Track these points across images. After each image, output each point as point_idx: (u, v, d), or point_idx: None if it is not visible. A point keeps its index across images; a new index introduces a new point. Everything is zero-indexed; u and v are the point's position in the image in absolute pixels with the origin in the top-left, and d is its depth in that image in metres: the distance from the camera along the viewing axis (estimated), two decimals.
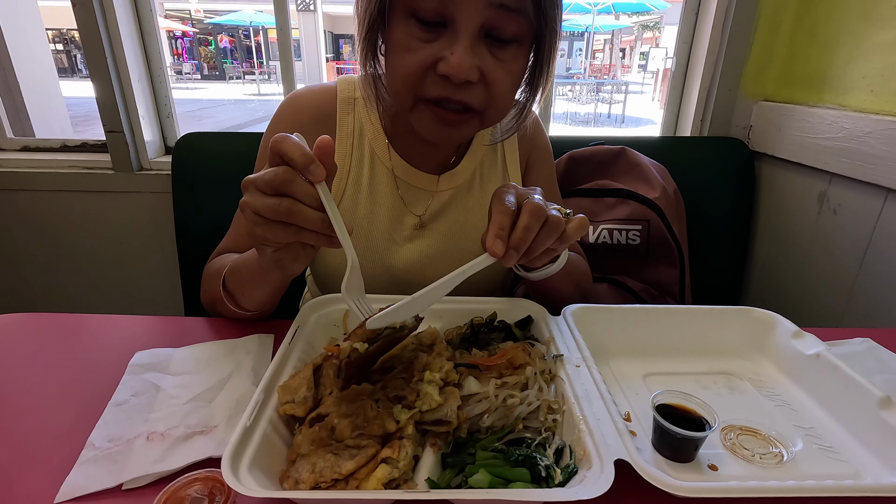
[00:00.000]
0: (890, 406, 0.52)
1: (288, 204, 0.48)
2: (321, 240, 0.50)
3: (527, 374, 0.54)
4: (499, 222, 0.52)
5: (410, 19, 0.57)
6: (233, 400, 0.58)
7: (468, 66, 0.56)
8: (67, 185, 1.41)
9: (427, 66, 0.58)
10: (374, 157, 0.77)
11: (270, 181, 0.48)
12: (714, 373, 0.66)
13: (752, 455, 0.52)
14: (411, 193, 0.78)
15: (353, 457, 0.43)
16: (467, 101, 0.59)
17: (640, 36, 22.13)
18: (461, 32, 0.56)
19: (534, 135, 0.85)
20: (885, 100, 1.00)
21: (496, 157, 0.83)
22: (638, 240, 1.10)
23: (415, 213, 0.78)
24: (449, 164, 0.80)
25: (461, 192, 0.80)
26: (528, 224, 0.52)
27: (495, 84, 0.59)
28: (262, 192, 0.48)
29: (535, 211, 0.52)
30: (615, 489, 0.45)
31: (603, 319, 0.69)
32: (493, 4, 0.55)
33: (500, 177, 0.83)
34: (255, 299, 0.68)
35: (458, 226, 0.79)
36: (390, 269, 0.77)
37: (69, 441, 0.52)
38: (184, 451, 0.50)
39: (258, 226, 0.50)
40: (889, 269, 1.00)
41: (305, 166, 0.47)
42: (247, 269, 0.65)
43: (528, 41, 0.61)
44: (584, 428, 0.47)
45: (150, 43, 1.40)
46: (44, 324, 0.76)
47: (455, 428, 0.48)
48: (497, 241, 0.51)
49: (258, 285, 0.66)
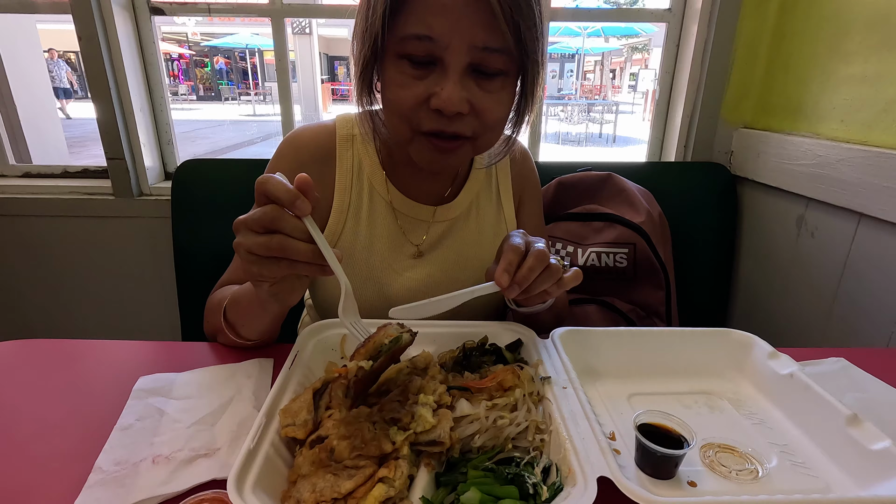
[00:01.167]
0: (856, 424, 0.55)
1: (279, 240, 0.51)
2: (314, 270, 0.53)
3: (516, 395, 0.57)
4: (509, 259, 0.60)
5: (403, 60, 0.62)
6: (235, 423, 0.60)
7: (458, 99, 0.60)
8: (68, 211, 1.44)
9: (421, 101, 0.62)
10: (373, 191, 0.80)
11: (259, 220, 0.51)
12: (695, 392, 0.69)
13: (729, 472, 0.55)
14: (409, 224, 0.81)
15: (351, 477, 0.46)
16: (459, 131, 0.64)
17: (630, 57, 22.65)
18: (450, 70, 0.60)
19: (526, 173, 0.91)
20: (855, 129, 1.05)
21: (491, 192, 0.87)
22: (625, 262, 1.14)
23: (413, 242, 0.81)
24: (444, 196, 0.84)
25: (458, 223, 0.84)
26: (533, 266, 0.60)
27: (485, 113, 0.64)
28: (254, 231, 0.52)
29: (540, 256, 0.60)
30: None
31: (589, 342, 0.72)
32: (478, 48, 0.59)
33: (495, 210, 0.87)
34: (255, 329, 0.71)
35: (454, 255, 0.83)
36: (390, 298, 0.80)
37: (76, 465, 0.53)
38: (188, 473, 0.52)
39: (253, 264, 0.53)
40: (864, 290, 1.04)
41: (291, 202, 0.50)
42: (246, 301, 0.68)
43: (514, 72, 0.65)
44: (569, 447, 0.50)
45: (151, 72, 1.45)
46: (46, 350, 0.78)
47: (448, 448, 0.51)
48: (505, 274, 0.59)
49: (257, 317, 0.68)
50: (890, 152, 0.95)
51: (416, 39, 0.59)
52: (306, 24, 11.99)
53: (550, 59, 21.08)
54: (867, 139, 1.03)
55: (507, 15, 0.57)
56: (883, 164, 0.96)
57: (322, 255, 0.52)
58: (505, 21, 0.57)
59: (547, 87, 11.86)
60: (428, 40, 0.59)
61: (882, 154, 0.96)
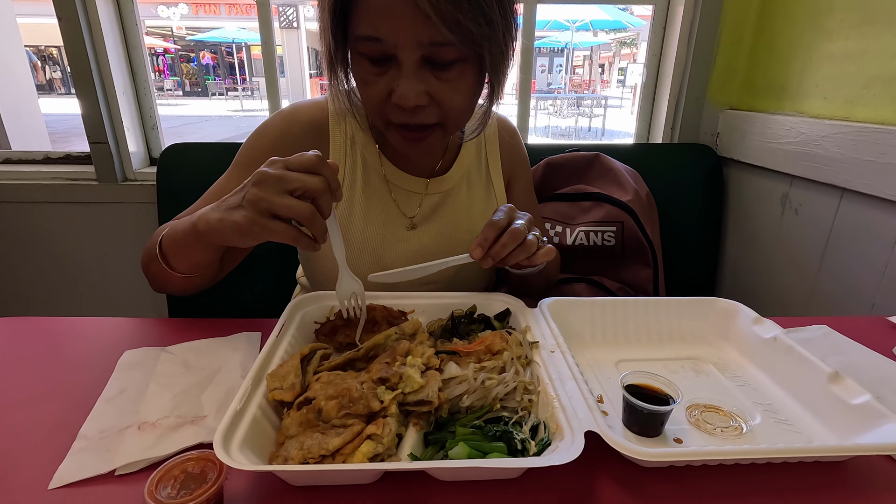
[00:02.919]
0: (838, 381, 0.56)
1: (311, 211, 0.53)
2: (313, 245, 0.56)
3: (504, 358, 0.57)
4: (486, 234, 0.64)
5: (362, 57, 0.64)
6: (222, 393, 0.60)
7: (414, 94, 0.62)
8: (51, 197, 1.42)
9: (384, 97, 0.65)
10: (367, 164, 0.81)
11: (304, 185, 0.53)
12: (681, 358, 0.70)
13: (714, 429, 0.55)
14: (403, 196, 0.82)
15: (339, 434, 0.46)
16: (424, 121, 0.66)
17: (619, 52, 22.72)
18: (404, 66, 0.62)
19: (515, 152, 0.92)
20: (837, 106, 1.07)
21: (481, 168, 0.89)
22: (613, 241, 1.14)
23: (407, 214, 0.82)
24: (436, 169, 0.85)
25: (450, 196, 0.85)
26: (507, 242, 0.64)
27: (445, 102, 0.65)
28: (287, 192, 0.53)
29: (515, 233, 0.64)
30: (587, 461, 0.49)
31: (577, 311, 0.73)
32: (424, 43, 0.60)
33: (485, 185, 0.89)
34: (186, 261, 0.68)
35: (447, 228, 0.84)
36: (386, 268, 0.80)
37: (61, 434, 0.53)
38: (175, 438, 0.52)
39: (259, 221, 0.53)
40: (846, 263, 1.06)
41: (336, 189, 0.55)
42: (182, 233, 0.65)
43: (471, 56, 0.64)
44: (557, 405, 0.51)
45: (135, 56, 1.43)
46: (29, 327, 0.77)
47: (436, 408, 0.51)
48: (478, 248, 0.64)
49: (194, 249, 0.66)
50: (872, 126, 0.97)
51: (366, 41, 0.61)
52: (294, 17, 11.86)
53: (539, 53, 21.08)
54: (850, 115, 1.04)
55: (442, 12, 0.57)
56: (865, 139, 0.97)
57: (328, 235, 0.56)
58: (440, 18, 0.57)
59: (536, 82, 11.82)
60: (377, 41, 0.60)
61: (864, 129, 0.98)
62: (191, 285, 0.73)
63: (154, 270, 0.72)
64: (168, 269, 0.69)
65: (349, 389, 0.48)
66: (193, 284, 0.73)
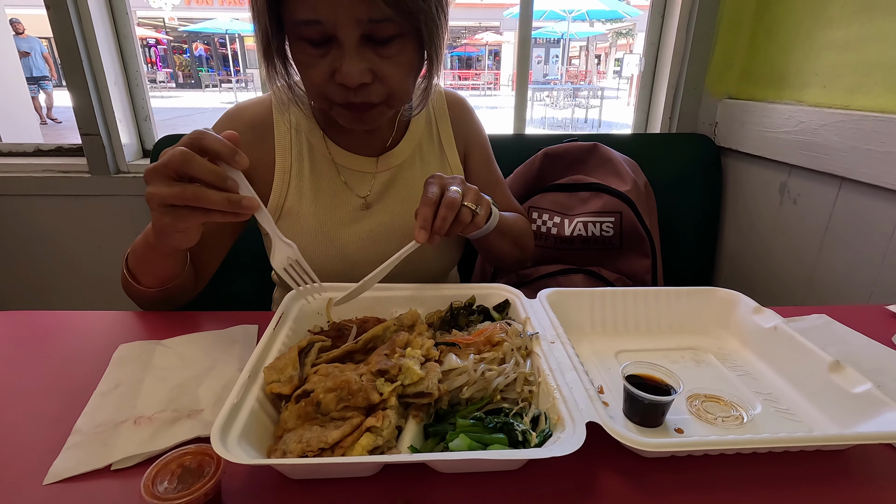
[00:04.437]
0: (839, 369, 0.56)
1: (193, 189, 0.52)
2: (228, 217, 0.55)
3: (504, 349, 0.57)
4: (423, 214, 0.64)
5: (302, 41, 0.64)
6: (219, 386, 0.59)
7: (358, 72, 0.63)
8: (43, 190, 1.40)
9: (327, 78, 0.65)
10: (313, 149, 0.82)
11: (169, 163, 0.52)
12: (682, 348, 0.69)
13: (714, 419, 0.55)
14: (353, 178, 0.83)
15: (338, 427, 0.45)
16: (367, 100, 0.67)
17: (615, 43, 22.62)
18: (345, 46, 0.62)
19: (466, 122, 0.92)
20: (836, 94, 1.06)
21: (433, 141, 0.89)
22: (611, 231, 1.14)
23: (359, 195, 0.83)
24: (386, 146, 0.85)
25: (403, 171, 0.85)
26: (445, 216, 0.64)
27: (388, 79, 0.66)
28: (166, 180, 0.52)
29: (450, 204, 0.65)
30: (588, 452, 0.48)
31: (576, 302, 0.72)
32: (363, 21, 0.61)
33: (439, 158, 0.89)
34: (153, 275, 0.71)
35: (402, 203, 0.85)
36: (342, 250, 0.82)
37: (55, 429, 0.52)
38: (172, 432, 0.51)
39: (165, 215, 0.54)
40: (844, 252, 1.06)
41: (231, 155, 0.53)
42: (141, 249, 0.69)
43: (409, 31, 0.66)
44: (557, 396, 0.50)
45: (126, 46, 1.40)
46: (21, 322, 0.76)
47: (436, 400, 0.50)
48: (422, 231, 0.64)
49: (154, 263, 0.70)
50: (871, 115, 0.96)
51: (305, 24, 0.62)
52: None
53: (536, 44, 20.94)
54: (849, 104, 1.03)
55: None
56: (864, 128, 0.97)
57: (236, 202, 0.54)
58: None
59: (532, 73, 11.71)
60: (317, 24, 0.61)
61: (864, 117, 0.97)
62: (168, 296, 0.74)
63: (131, 292, 0.74)
64: (140, 287, 0.71)
65: (348, 382, 0.48)
66: (170, 296, 0.75)
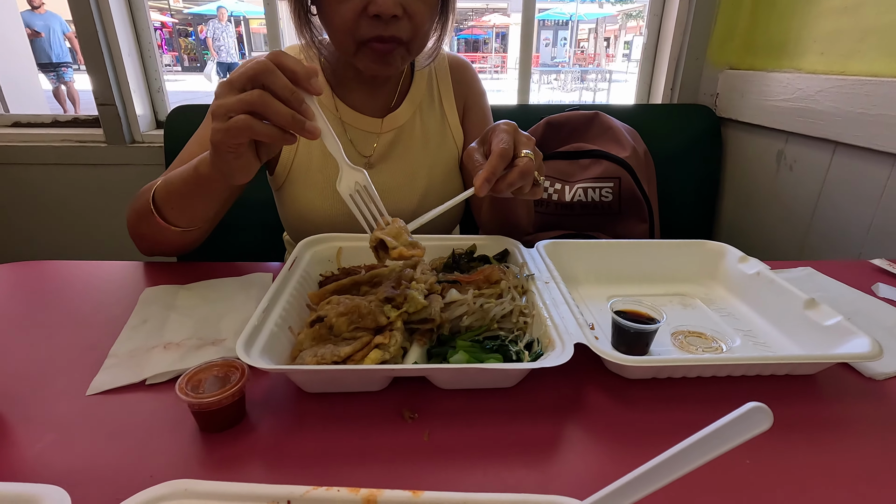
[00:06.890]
0: (813, 306, 0.60)
1: (259, 94, 0.51)
2: (287, 138, 0.54)
3: (502, 286, 0.61)
4: (493, 166, 0.60)
5: None
6: (239, 320, 0.64)
7: (392, 3, 0.67)
8: (62, 159, 1.45)
9: (359, 11, 0.69)
10: (323, 107, 0.85)
11: (247, 72, 0.51)
12: (671, 294, 0.74)
13: (696, 349, 0.60)
14: (358, 136, 0.87)
15: (349, 344, 0.50)
16: (397, 34, 0.71)
17: (624, 25, 22.24)
18: None
19: (467, 81, 0.96)
20: (833, 60, 1.08)
21: (433, 101, 0.93)
22: (610, 196, 1.17)
23: (363, 154, 0.87)
24: (390, 107, 0.89)
25: (404, 132, 0.89)
26: (513, 181, 0.62)
27: (416, 16, 0.71)
28: (239, 92, 0.52)
29: (525, 174, 0.62)
30: (577, 373, 0.53)
31: (572, 252, 0.77)
32: None
33: (439, 118, 0.93)
34: (186, 213, 0.70)
35: (403, 164, 0.89)
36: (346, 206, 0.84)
37: (93, 354, 0.57)
38: (198, 355, 0.56)
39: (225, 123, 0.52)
40: (836, 215, 1.09)
41: (308, 77, 0.52)
42: (181, 182, 0.67)
43: None
44: (550, 324, 0.55)
45: (139, 18, 1.44)
46: (52, 269, 0.81)
47: (438, 326, 0.55)
48: (485, 183, 0.60)
49: (195, 197, 0.68)
50: (865, 79, 0.98)
51: None
52: None
53: (544, 26, 20.63)
54: (845, 69, 1.06)
55: None
56: (857, 92, 0.99)
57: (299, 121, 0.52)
58: None
59: (540, 55, 11.55)
60: None
61: (857, 82, 0.99)
62: (187, 240, 0.74)
63: (145, 230, 0.73)
64: (165, 224, 0.70)
65: (358, 307, 0.52)
66: (190, 240, 0.74)
